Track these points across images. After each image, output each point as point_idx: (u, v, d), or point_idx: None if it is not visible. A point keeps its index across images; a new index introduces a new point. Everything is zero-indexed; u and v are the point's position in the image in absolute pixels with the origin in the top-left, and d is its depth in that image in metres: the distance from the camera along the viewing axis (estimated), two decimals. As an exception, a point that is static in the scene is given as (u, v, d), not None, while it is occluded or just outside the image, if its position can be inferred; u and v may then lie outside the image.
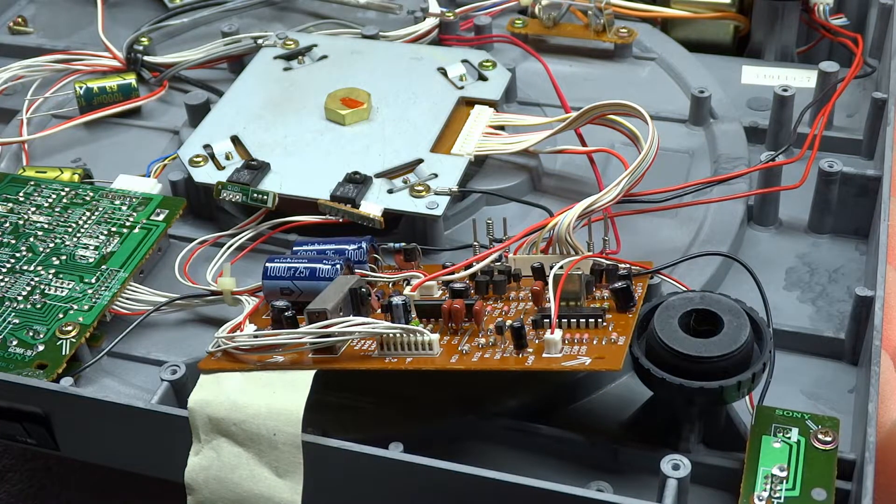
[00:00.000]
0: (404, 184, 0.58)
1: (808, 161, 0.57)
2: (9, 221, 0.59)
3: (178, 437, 0.46)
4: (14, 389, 0.49)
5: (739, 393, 0.45)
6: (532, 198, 0.60)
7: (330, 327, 0.46)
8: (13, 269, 0.56)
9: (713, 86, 0.68)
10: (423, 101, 0.64)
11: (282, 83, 0.67)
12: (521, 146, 0.60)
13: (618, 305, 0.47)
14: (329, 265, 0.51)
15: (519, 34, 0.73)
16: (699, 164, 0.63)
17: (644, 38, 0.73)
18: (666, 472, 0.42)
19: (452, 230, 0.60)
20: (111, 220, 0.58)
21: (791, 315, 0.55)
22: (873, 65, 0.69)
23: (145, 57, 0.72)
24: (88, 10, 0.81)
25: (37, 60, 0.72)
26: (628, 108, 0.57)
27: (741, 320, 0.45)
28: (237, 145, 0.62)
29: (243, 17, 0.79)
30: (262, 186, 0.58)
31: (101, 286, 0.54)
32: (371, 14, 0.79)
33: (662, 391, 0.45)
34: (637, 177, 0.54)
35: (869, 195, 0.57)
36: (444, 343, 0.47)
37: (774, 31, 0.73)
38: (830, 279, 0.57)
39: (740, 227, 0.59)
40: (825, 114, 0.62)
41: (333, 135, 0.62)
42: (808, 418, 0.45)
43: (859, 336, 0.52)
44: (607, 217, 0.53)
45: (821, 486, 0.42)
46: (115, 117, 0.69)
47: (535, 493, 0.42)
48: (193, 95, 0.68)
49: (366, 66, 0.68)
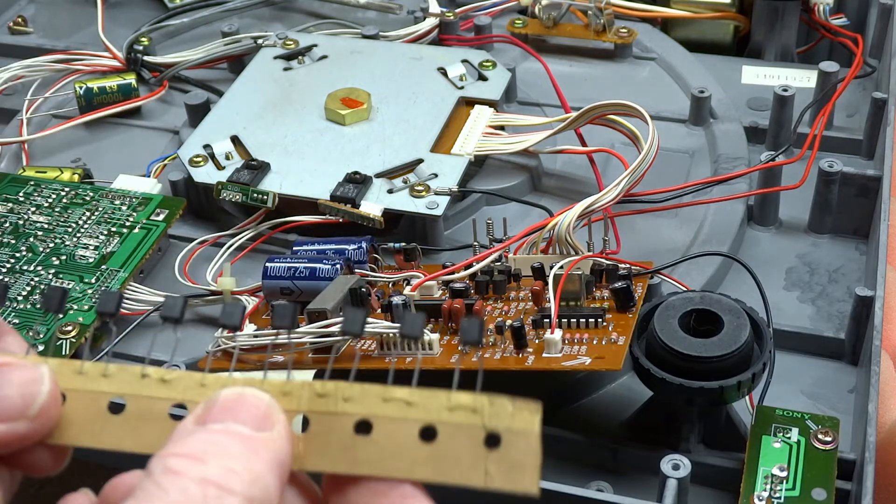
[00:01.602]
0: (404, 184, 0.58)
1: (808, 161, 0.57)
2: (9, 221, 0.59)
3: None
4: (14, 389, 0.49)
5: (739, 393, 0.45)
6: (532, 198, 0.60)
7: (330, 327, 0.46)
8: (13, 269, 0.56)
9: (713, 86, 0.68)
10: (423, 101, 0.64)
11: (282, 83, 0.67)
12: (521, 146, 0.60)
13: (618, 305, 0.47)
14: (329, 265, 0.51)
15: (519, 34, 0.73)
16: (699, 164, 0.63)
17: (644, 38, 0.73)
18: (666, 472, 0.42)
19: (452, 230, 0.60)
20: (111, 220, 0.58)
21: (791, 315, 0.55)
22: (873, 65, 0.69)
23: (145, 57, 0.72)
24: (88, 10, 0.81)
25: (37, 60, 0.72)
26: (628, 108, 0.57)
27: (741, 320, 0.45)
28: (237, 145, 0.62)
29: (243, 17, 0.79)
30: (262, 186, 0.58)
31: (101, 286, 0.54)
32: (371, 14, 0.79)
33: (662, 391, 0.45)
34: (637, 177, 0.54)
35: (869, 195, 0.57)
36: (444, 343, 0.47)
37: (774, 31, 0.73)
38: (830, 279, 0.57)
39: (740, 227, 0.59)
40: (825, 114, 0.62)
41: (333, 135, 0.62)
42: (808, 418, 0.45)
43: (859, 336, 0.52)
44: (607, 217, 0.53)
45: (821, 486, 0.42)
46: (115, 117, 0.69)
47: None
48: (193, 95, 0.68)
49: (366, 66, 0.68)
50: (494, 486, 0.25)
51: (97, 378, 0.28)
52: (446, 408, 0.26)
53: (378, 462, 0.26)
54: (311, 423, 0.26)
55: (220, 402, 0.27)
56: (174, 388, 0.27)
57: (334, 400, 0.26)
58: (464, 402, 0.26)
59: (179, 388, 0.27)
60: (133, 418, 0.27)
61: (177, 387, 0.27)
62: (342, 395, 0.26)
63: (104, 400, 0.27)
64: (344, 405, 0.26)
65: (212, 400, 0.27)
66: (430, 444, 0.25)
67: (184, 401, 0.27)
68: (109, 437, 0.27)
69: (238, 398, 0.27)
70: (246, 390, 0.27)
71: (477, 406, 0.26)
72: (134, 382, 0.27)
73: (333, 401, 0.26)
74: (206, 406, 0.27)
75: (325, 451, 0.26)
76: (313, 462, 0.26)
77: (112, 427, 0.27)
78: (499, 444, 0.25)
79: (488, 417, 0.26)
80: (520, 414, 0.26)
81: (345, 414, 0.26)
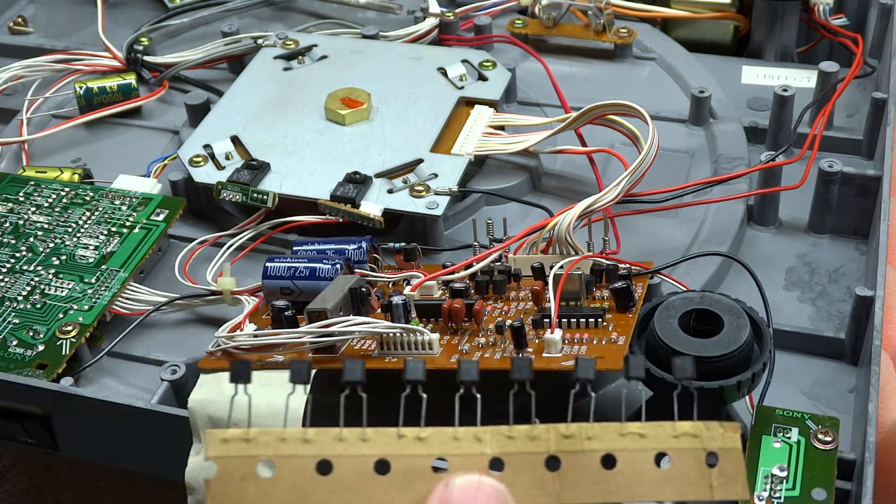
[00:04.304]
0: (404, 184, 0.58)
1: (808, 161, 0.57)
2: (9, 221, 0.59)
3: (178, 437, 0.46)
4: (14, 389, 0.49)
5: (739, 393, 0.45)
6: (532, 198, 0.60)
7: (330, 327, 0.46)
8: (13, 269, 0.56)
9: (713, 86, 0.68)
10: (423, 101, 0.64)
11: (282, 83, 0.67)
12: (521, 146, 0.60)
13: (618, 305, 0.47)
14: (329, 265, 0.51)
15: (519, 34, 0.73)
16: (699, 164, 0.63)
17: (644, 38, 0.73)
18: (666, 471, 0.42)
19: (452, 230, 0.60)
20: (111, 220, 0.58)
21: (791, 315, 0.55)
22: (873, 65, 0.69)
23: (145, 57, 0.72)
24: (88, 10, 0.81)
25: (37, 60, 0.72)
26: (628, 108, 0.57)
27: (741, 320, 0.45)
28: (237, 145, 0.62)
29: (243, 17, 0.79)
30: (262, 186, 0.58)
31: (101, 286, 0.54)
32: (371, 14, 0.79)
33: (662, 391, 0.45)
34: (637, 177, 0.54)
35: (869, 195, 0.57)
36: (444, 343, 0.47)
37: (774, 31, 0.73)
38: (830, 279, 0.57)
39: (740, 227, 0.59)
40: (825, 114, 0.62)
41: (333, 135, 0.62)
42: (808, 418, 0.45)
43: (859, 336, 0.52)
44: (607, 217, 0.53)
45: (821, 486, 0.42)
46: (115, 117, 0.69)
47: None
48: (193, 95, 0.68)
49: (366, 66, 0.68)
50: (717, 497, 0.29)
51: (357, 443, 0.30)
52: (672, 436, 0.30)
53: (626, 490, 0.29)
54: (562, 463, 0.29)
55: (459, 491, 0.29)
56: (431, 445, 0.30)
57: (580, 440, 0.30)
58: (686, 429, 0.30)
59: (436, 444, 0.30)
60: (399, 477, 0.29)
61: (433, 443, 0.30)
62: (585, 435, 0.30)
63: (369, 463, 0.30)
64: (589, 443, 0.30)
65: (451, 488, 0.29)
66: (664, 469, 0.29)
67: (441, 455, 0.30)
68: (383, 496, 0.29)
69: (478, 488, 0.29)
70: (484, 481, 0.29)
71: (696, 431, 0.30)
72: (393, 443, 0.30)
73: (579, 441, 0.30)
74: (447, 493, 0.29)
75: (579, 485, 0.29)
76: (569, 496, 0.29)
77: (381, 488, 0.29)
78: (717, 462, 0.29)
79: (706, 440, 0.30)
80: (728, 434, 0.30)
81: (591, 451, 0.29)
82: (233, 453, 0.29)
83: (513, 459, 0.29)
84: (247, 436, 0.29)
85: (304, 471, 0.29)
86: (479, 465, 0.29)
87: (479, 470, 0.29)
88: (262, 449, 0.29)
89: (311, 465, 0.29)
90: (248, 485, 0.29)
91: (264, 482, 0.29)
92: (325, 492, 0.29)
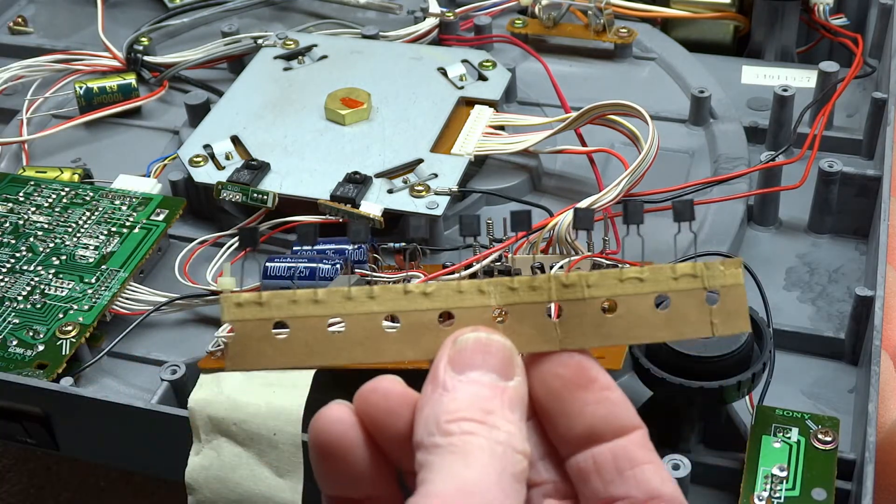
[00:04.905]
0: (404, 184, 0.58)
1: (808, 161, 0.57)
2: (9, 221, 0.59)
3: (178, 437, 0.46)
4: (14, 389, 0.49)
5: (739, 393, 0.45)
6: (532, 198, 0.60)
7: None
8: (13, 269, 0.56)
9: (713, 86, 0.68)
10: (423, 101, 0.64)
11: (282, 83, 0.67)
12: (521, 146, 0.60)
13: (618, 305, 0.47)
14: (329, 265, 0.51)
15: (519, 34, 0.73)
16: (699, 164, 0.63)
17: (644, 38, 0.73)
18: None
19: (452, 230, 0.60)
20: (111, 220, 0.58)
21: (791, 315, 0.55)
22: (873, 65, 0.69)
23: (145, 57, 0.72)
24: (88, 10, 0.81)
25: (37, 60, 0.72)
26: (628, 108, 0.57)
27: (741, 320, 0.45)
28: (237, 145, 0.62)
29: (243, 17, 0.79)
30: (262, 186, 0.58)
31: (101, 286, 0.54)
32: (371, 14, 0.79)
33: (662, 391, 0.45)
34: (637, 177, 0.54)
35: (869, 195, 0.57)
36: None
37: (774, 31, 0.73)
38: (830, 279, 0.57)
39: (740, 227, 0.59)
40: (825, 114, 0.62)
41: (333, 135, 0.62)
42: (808, 418, 0.45)
43: (859, 336, 0.52)
44: (607, 217, 0.53)
45: (821, 486, 0.42)
46: (115, 117, 0.69)
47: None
48: (193, 95, 0.68)
49: (366, 66, 0.68)
50: (719, 333, 0.30)
51: (366, 300, 0.30)
52: (672, 278, 0.30)
53: (626, 333, 0.30)
54: (563, 310, 0.30)
55: (469, 349, 0.29)
56: (436, 299, 0.30)
57: (580, 288, 0.30)
58: (686, 270, 0.30)
59: (441, 298, 0.30)
60: (407, 332, 0.30)
61: (438, 297, 0.30)
62: (585, 283, 0.30)
63: (378, 319, 0.30)
64: (589, 291, 0.30)
65: (460, 345, 0.29)
66: (664, 311, 0.30)
67: (447, 308, 0.30)
68: (390, 351, 0.30)
69: (486, 344, 0.29)
70: (492, 338, 0.29)
71: (696, 272, 0.30)
72: (399, 300, 0.30)
73: (580, 289, 0.30)
74: (456, 351, 0.29)
75: (580, 331, 0.30)
76: (571, 342, 0.29)
77: (389, 343, 0.30)
78: (717, 299, 0.30)
79: (707, 279, 0.30)
80: (729, 271, 0.30)
81: (592, 298, 0.30)
82: (248, 316, 0.29)
83: (515, 309, 0.30)
84: (259, 299, 0.30)
85: (315, 330, 0.30)
86: (483, 316, 0.30)
87: (484, 322, 0.30)
88: (276, 311, 0.30)
89: (322, 324, 0.30)
90: (265, 345, 0.29)
91: (279, 342, 0.30)
92: (336, 349, 0.30)
